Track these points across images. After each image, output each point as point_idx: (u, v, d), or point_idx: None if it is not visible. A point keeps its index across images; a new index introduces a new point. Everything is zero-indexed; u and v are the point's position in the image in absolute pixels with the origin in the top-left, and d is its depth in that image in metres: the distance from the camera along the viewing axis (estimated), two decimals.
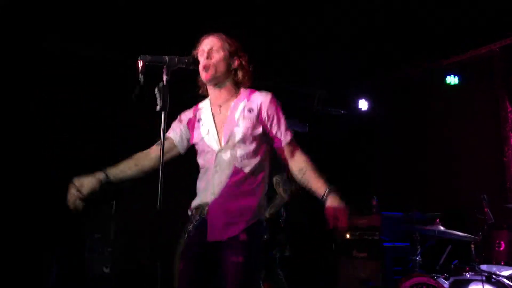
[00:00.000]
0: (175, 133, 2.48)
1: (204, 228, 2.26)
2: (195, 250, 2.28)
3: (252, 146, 2.28)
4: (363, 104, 6.47)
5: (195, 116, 2.46)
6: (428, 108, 5.85)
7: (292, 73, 5.83)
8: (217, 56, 2.33)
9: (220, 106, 2.38)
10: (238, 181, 2.24)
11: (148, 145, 2.52)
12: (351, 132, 6.60)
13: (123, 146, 5.16)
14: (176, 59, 2.22)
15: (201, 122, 2.41)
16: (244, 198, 2.23)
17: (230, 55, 2.35)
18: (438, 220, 4.07)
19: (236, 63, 2.37)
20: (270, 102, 2.34)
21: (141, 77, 2.13)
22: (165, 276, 5.62)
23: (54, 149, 5.02)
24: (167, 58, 2.18)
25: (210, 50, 2.34)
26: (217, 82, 2.36)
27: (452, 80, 5.52)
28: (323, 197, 2.25)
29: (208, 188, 2.29)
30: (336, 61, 5.63)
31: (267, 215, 3.98)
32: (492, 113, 5.25)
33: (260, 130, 2.30)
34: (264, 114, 2.31)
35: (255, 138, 2.29)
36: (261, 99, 2.34)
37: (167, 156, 2.45)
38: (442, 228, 3.98)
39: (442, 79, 5.56)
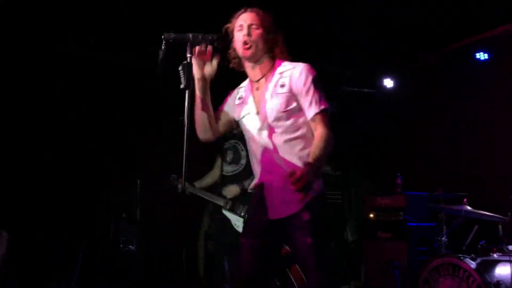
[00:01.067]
0: (228, 106, 2.52)
1: (263, 207, 2.33)
2: (257, 228, 2.36)
3: (291, 121, 2.27)
4: (388, 83, 6.34)
5: (237, 93, 2.50)
6: (456, 86, 5.69)
7: (319, 54, 5.75)
8: (257, 32, 2.32)
9: (257, 82, 2.38)
10: (285, 158, 2.26)
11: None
12: (377, 110, 6.50)
13: (124, 147, 5.28)
14: (200, 37, 2.23)
15: (241, 100, 2.44)
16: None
17: (267, 32, 2.34)
18: (465, 200, 4.00)
19: (274, 39, 2.36)
20: (300, 73, 2.28)
21: (161, 53, 2.13)
22: (189, 254, 5.72)
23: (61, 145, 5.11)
24: (190, 35, 2.19)
25: (249, 25, 2.33)
26: (256, 60, 2.36)
27: (482, 56, 5.35)
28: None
29: (261, 167, 2.34)
30: (363, 40, 5.52)
31: (246, 185, 3.86)
32: None
33: (295, 104, 2.28)
34: (294, 87, 2.28)
35: (292, 112, 2.28)
36: (292, 72, 2.30)
37: (225, 127, 2.51)
38: (469, 207, 3.91)
39: (472, 56, 5.40)
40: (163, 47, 2.13)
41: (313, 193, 2.16)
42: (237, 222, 3.98)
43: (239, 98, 2.45)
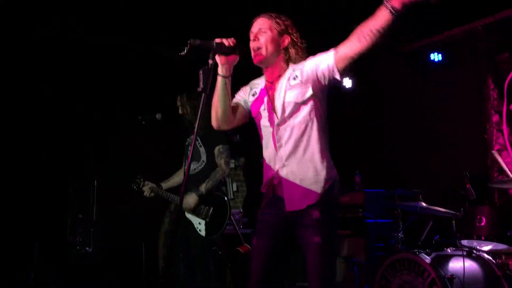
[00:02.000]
0: (240, 97, 2.57)
1: (279, 202, 2.36)
2: (271, 227, 2.39)
3: (306, 111, 2.34)
4: (347, 82, 6.45)
5: (250, 90, 2.55)
6: (411, 85, 5.85)
7: None
8: (266, 37, 2.39)
9: (272, 82, 2.45)
10: (304, 148, 2.33)
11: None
12: (336, 109, 6.59)
13: (80, 144, 5.17)
14: (223, 45, 2.34)
15: (255, 97, 2.50)
16: (315, 163, 2.32)
17: (279, 34, 2.40)
18: (420, 196, 4.10)
19: (286, 41, 2.41)
20: (308, 58, 2.37)
21: (183, 53, 2.21)
22: (148, 255, 5.61)
23: (48, 144, 4.97)
24: (214, 43, 2.30)
25: (258, 31, 2.41)
26: (268, 64, 2.43)
27: (436, 57, 5.52)
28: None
29: (277, 162, 2.38)
30: (321, 37, 5.57)
31: (203, 189, 3.89)
32: (475, 91, 5.28)
33: (309, 90, 2.34)
34: (306, 74, 2.33)
35: (307, 102, 2.34)
36: (304, 63, 2.37)
37: (240, 120, 2.55)
38: (424, 204, 4.02)
39: (426, 57, 5.55)
40: (186, 50, 2.21)
41: (328, 183, 2.29)
42: (199, 226, 3.93)
43: (253, 95, 2.52)
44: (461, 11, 4.98)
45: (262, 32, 2.40)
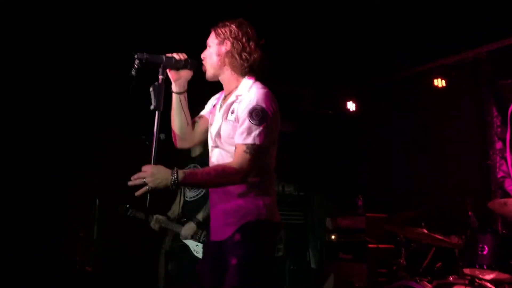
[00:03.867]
0: (204, 110, 2.50)
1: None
2: (207, 251, 2.36)
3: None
4: (351, 106, 6.47)
5: (211, 100, 2.48)
6: (415, 110, 5.86)
7: (283, 73, 5.82)
8: (209, 51, 2.31)
9: (224, 98, 2.34)
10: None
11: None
12: (339, 132, 6.61)
13: (84, 163, 5.17)
14: (173, 60, 2.26)
15: (212, 109, 2.42)
16: (238, 197, 2.19)
17: (220, 43, 2.27)
18: (422, 223, 4.08)
19: (225, 49, 2.26)
20: (247, 102, 2.16)
21: (133, 73, 2.13)
22: (149, 275, 5.56)
23: (37, 147, 4.96)
24: (164, 57, 2.22)
25: (207, 45, 2.33)
26: (217, 77, 2.33)
27: (439, 83, 5.53)
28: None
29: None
30: (326, 62, 5.63)
31: (200, 218, 3.91)
32: (478, 117, 5.28)
33: None
34: (237, 116, 2.18)
35: None
36: (243, 99, 2.19)
37: (203, 136, 2.44)
38: (425, 231, 3.99)
39: (430, 82, 5.57)
40: (135, 66, 2.14)
41: (250, 217, 2.15)
42: (196, 248, 3.96)
43: (213, 106, 2.43)
44: (465, 37, 5.02)
45: (208, 46, 2.32)
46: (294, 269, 4.69)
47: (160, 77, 2.17)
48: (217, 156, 2.27)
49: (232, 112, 2.20)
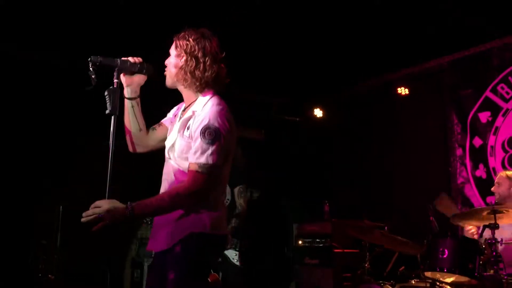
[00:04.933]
0: (166, 117, 2.44)
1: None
2: (152, 262, 2.31)
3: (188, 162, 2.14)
4: (318, 113, 6.56)
5: (173, 109, 2.43)
6: (379, 118, 6.00)
7: (250, 81, 5.86)
8: (169, 60, 2.26)
9: (184, 110, 2.30)
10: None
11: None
12: (305, 139, 6.69)
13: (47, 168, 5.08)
14: (128, 63, 2.22)
15: (171, 119, 2.38)
16: (180, 210, 2.12)
17: (178, 56, 2.21)
18: (386, 228, 4.17)
19: (180, 62, 2.20)
20: (200, 119, 2.12)
21: (92, 76, 2.09)
22: (114, 283, 5.47)
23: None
24: (118, 61, 2.18)
25: (169, 53, 2.29)
26: (176, 87, 2.28)
27: (403, 91, 5.68)
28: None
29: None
30: (294, 71, 5.70)
31: (230, 227, 4.09)
32: (440, 125, 5.44)
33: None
34: (191, 133, 2.14)
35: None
36: (199, 114, 2.15)
37: (159, 142, 2.39)
38: (389, 235, 4.08)
39: (394, 90, 5.71)
40: (90, 69, 2.09)
41: (193, 229, 2.10)
42: (235, 257, 4.18)
43: (174, 115, 2.38)
44: (427, 47, 5.17)
45: (171, 54, 2.27)
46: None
47: (115, 81, 2.13)
48: (169, 169, 2.23)
49: (188, 128, 2.16)
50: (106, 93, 2.08)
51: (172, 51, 2.26)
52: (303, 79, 5.94)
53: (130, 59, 2.24)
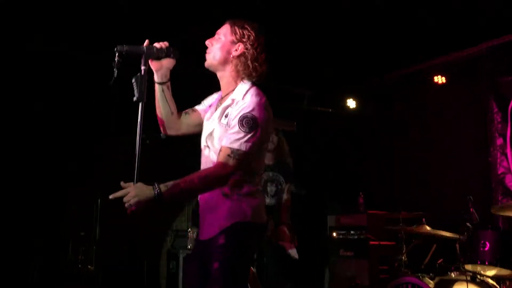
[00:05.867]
0: (202, 104, 2.46)
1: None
2: (193, 250, 2.33)
3: None
4: (351, 103, 6.47)
5: (210, 99, 2.44)
6: (415, 107, 5.87)
7: (282, 72, 5.83)
8: (219, 42, 2.26)
9: (222, 98, 2.31)
10: None
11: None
12: (339, 130, 6.61)
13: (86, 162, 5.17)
14: (155, 49, 2.22)
15: (209, 108, 2.39)
16: (223, 198, 2.15)
17: (232, 42, 2.23)
18: (423, 219, 4.09)
19: (237, 51, 2.22)
20: (238, 108, 2.14)
21: (115, 68, 2.09)
22: (150, 274, 5.57)
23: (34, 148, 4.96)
24: (144, 48, 2.18)
25: (217, 34, 2.29)
26: (216, 71, 2.30)
27: (439, 79, 5.53)
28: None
29: None
30: (326, 61, 5.63)
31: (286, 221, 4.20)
32: (479, 113, 5.27)
33: None
34: (230, 120, 2.15)
35: None
36: (237, 103, 2.17)
37: (193, 128, 2.43)
38: (427, 227, 4.00)
39: (430, 79, 5.57)
40: (116, 59, 2.10)
41: (235, 219, 2.12)
42: (292, 251, 4.30)
43: (210, 106, 2.40)
44: (465, 33, 5.02)
45: (217, 37, 2.27)
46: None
47: (143, 67, 2.11)
48: (207, 159, 2.25)
49: (226, 116, 2.18)
50: (133, 80, 2.07)
51: (225, 33, 2.26)
52: (336, 69, 5.86)
53: (156, 44, 2.24)
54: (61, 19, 4.55)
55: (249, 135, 2.08)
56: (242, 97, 2.18)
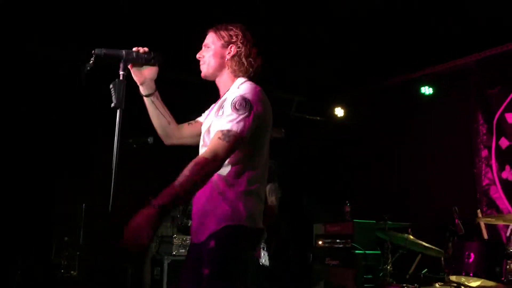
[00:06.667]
0: (203, 116, 2.42)
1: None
2: (188, 254, 2.24)
3: None
4: (339, 112, 6.50)
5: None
6: (402, 118, 5.90)
7: (270, 79, 5.82)
8: (209, 51, 2.25)
9: (220, 99, 2.27)
10: (213, 181, 2.05)
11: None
12: (326, 138, 6.63)
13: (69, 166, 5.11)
14: (134, 54, 2.15)
15: (206, 113, 2.37)
16: (218, 197, 2.06)
17: (223, 46, 2.23)
18: (409, 230, 4.10)
19: (230, 52, 2.22)
20: (233, 97, 2.08)
21: (87, 67, 2.01)
22: (134, 281, 5.51)
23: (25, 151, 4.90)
24: (124, 52, 2.11)
25: (204, 45, 2.28)
26: (214, 78, 2.28)
27: (427, 90, 5.57)
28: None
29: None
30: (315, 69, 5.65)
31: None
32: (465, 125, 5.32)
33: None
34: (225, 110, 2.08)
35: None
36: (232, 94, 2.12)
37: (195, 137, 2.35)
38: (412, 237, 4.02)
39: (417, 90, 5.61)
40: (91, 61, 2.02)
41: (227, 222, 2.01)
42: (264, 257, 4.04)
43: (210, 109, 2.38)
44: (453, 45, 5.07)
45: (206, 48, 2.27)
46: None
47: (121, 73, 2.03)
48: None
49: (222, 108, 2.13)
50: (111, 86, 1.98)
51: (213, 41, 2.25)
52: (325, 77, 5.88)
53: (135, 49, 2.17)
54: (61, 20, 4.53)
55: (241, 116, 2.00)
56: (236, 89, 2.16)
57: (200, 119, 2.43)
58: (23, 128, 4.90)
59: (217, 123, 2.08)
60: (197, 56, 2.29)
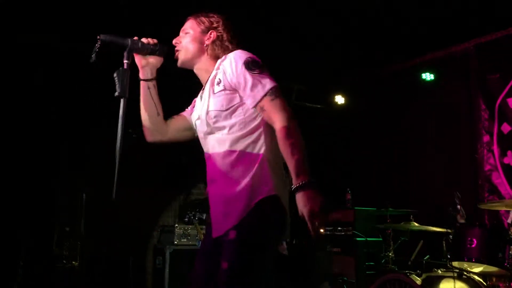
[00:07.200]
0: (187, 109, 2.33)
1: (210, 224, 2.08)
2: (204, 249, 2.11)
3: (235, 120, 1.99)
4: (339, 99, 6.46)
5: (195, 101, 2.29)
6: (403, 104, 5.87)
7: (270, 67, 5.78)
8: (187, 38, 2.17)
9: (203, 87, 2.17)
10: (231, 163, 1.97)
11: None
12: (327, 126, 6.60)
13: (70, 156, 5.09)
14: (140, 44, 2.12)
15: (192, 105, 2.28)
16: (240, 181, 1.94)
17: (203, 32, 2.16)
18: (411, 216, 4.09)
19: (211, 38, 2.15)
20: (230, 64, 2.00)
21: (93, 55, 1.99)
22: (136, 270, 5.52)
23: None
24: (129, 41, 2.07)
25: (182, 31, 2.20)
26: (192, 66, 2.19)
27: (428, 76, 5.53)
28: (292, 189, 1.86)
29: (208, 176, 2.08)
30: (315, 56, 5.60)
31: None
32: (466, 111, 5.30)
33: (237, 98, 2.00)
34: (230, 82, 1.99)
35: (235, 110, 2.00)
36: (224, 64, 2.03)
37: (180, 133, 2.29)
38: (415, 224, 4.01)
39: (418, 76, 5.57)
40: (97, 48, 1.99)
41: (248, 210, 1.90)
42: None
43: (193, 107, 2.26)
44: (453, 31, 5.02)
45: (184, 34, 2.18)
46: None
47: (125, 61, 2.00)
48: (213, 144, 2.06)
49: (219, 83, 2.02)
50: (115, 74, 1.95)
51: (192, 27, 2.18)
52: (325, 65, 5.84)
53: (144, 40, 2.14)
54: (58, 12, 4.48)
55: (265, 73, 1.97)
56: (224, 60, 2.06)
57: (183, 113, 2.33)
58: (23, 119, 4.88)
59: (221, 100, 2.00)
60: (173, 41, 2.20)
